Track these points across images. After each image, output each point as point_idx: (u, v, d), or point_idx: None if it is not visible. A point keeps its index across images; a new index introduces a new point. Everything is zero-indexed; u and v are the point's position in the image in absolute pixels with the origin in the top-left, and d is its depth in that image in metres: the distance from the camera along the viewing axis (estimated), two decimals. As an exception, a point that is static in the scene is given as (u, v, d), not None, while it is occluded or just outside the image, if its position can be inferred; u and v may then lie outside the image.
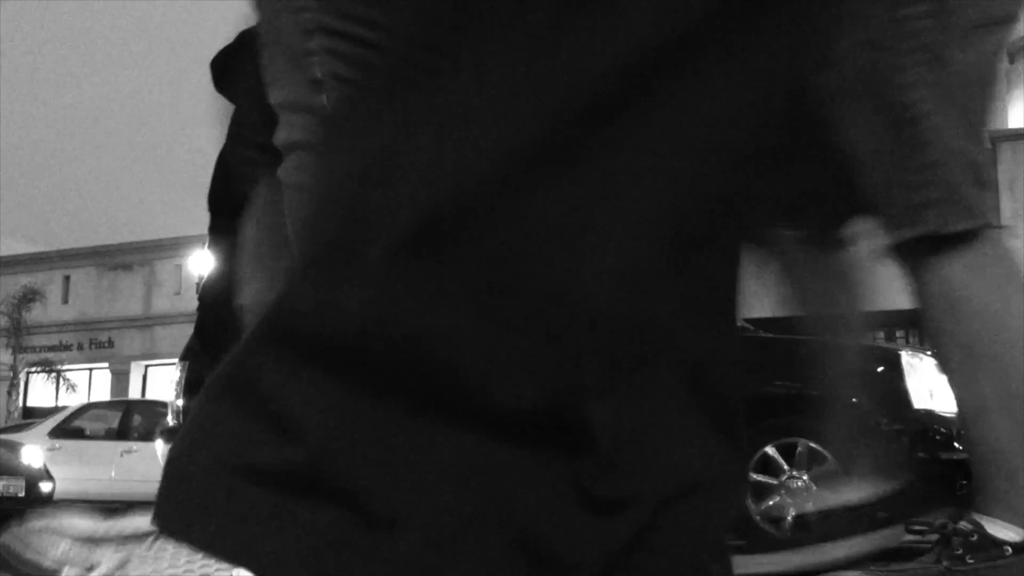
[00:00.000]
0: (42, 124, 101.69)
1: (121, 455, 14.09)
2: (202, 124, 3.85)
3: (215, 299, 3.56)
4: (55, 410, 22.37)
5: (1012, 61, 23.41)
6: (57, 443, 14.27)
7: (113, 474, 13.93)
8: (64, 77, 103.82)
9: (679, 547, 0.91)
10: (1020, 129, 21.34)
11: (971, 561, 1.51)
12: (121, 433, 14.57)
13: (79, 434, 14.88)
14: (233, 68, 3.68)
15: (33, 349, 29.16)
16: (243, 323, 3.51)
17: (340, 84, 1.61)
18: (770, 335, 7.56)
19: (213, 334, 3.57)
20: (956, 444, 6.06)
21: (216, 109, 3.71)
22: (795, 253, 2.77)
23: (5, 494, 10.70)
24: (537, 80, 0.80)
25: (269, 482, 0.80)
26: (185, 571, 0.85)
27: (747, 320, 8.76)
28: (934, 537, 1.58)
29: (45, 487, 11.34)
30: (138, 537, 0.86)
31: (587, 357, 0.83)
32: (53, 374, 28.85)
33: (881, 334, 21.41)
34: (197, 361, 7.99)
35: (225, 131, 3.59)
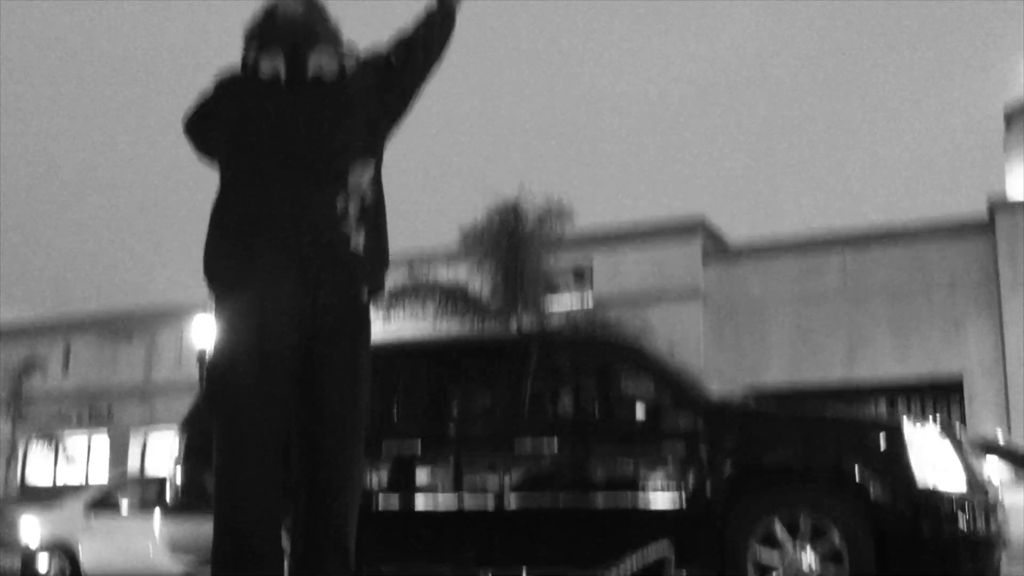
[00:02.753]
0: (43, 191, 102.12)
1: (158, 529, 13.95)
2: (204, 190, 3.91)
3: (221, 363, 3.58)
4: (54, 486, 22.16)
5: (1009, 126, 23.49)
6: (94, 516, 14.14)
7: (151, 548, 13.77)
8: (64, 142, 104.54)
9: None
10: (1019, 201, 21.45)
11: None
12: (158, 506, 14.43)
13: (115, 507, 14.75)
14: (210, 124, 3.74)
15: (33, 419, 29.04)
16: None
17: None
18: (773, 408, 7.57)
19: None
20: (960, 518, 6.02)
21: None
22: None
23: (-1, 569, 10.58)
24: None
25: None
26: None
27: (751, 390, 8.77)
28: None
29: (42, 565, 11.17)
30: None
31: None
32: (52, 444, 28.71)
33: (883, 403, 21.39)
34: (198, 428, 7.99)
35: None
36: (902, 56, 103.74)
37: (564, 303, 22.98)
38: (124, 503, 14.85)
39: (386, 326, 20.83)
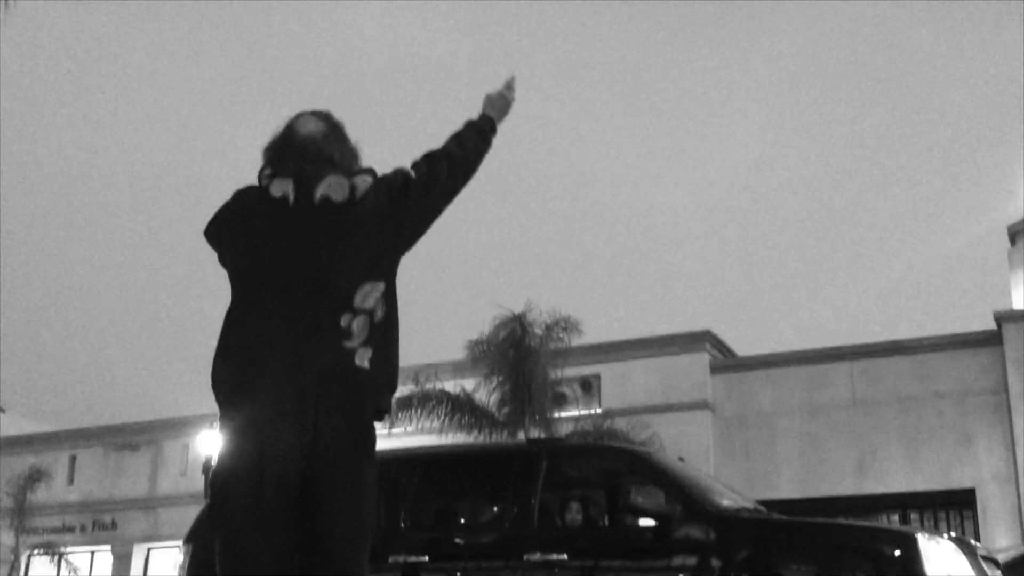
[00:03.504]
0: (47, 302, 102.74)
1: None
2: (211, 300, 3.94)
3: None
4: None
5: (1013, 243, 23.65)
6: None
7: None
8: (68, 252, 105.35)
9: None
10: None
11: None
12: None
13: None
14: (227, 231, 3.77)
15: (36, 531, 28.78)
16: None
17: None
18: (784, 517, 7.49)
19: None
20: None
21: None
22: None
23: None
24: None
25: None
26: None
27: (760, 502, 8.68)
28: None
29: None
30: None
31: None
32: (55, 557, 28.39)
33: (895, 516, 21.14)
34: (204, 539, 7.90)
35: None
36: (905, 172, 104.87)
37: (572, 413, 22.90)
38: None
39: (392, 436, 20.76)
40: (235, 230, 3.69)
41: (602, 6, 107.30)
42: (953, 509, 21.19)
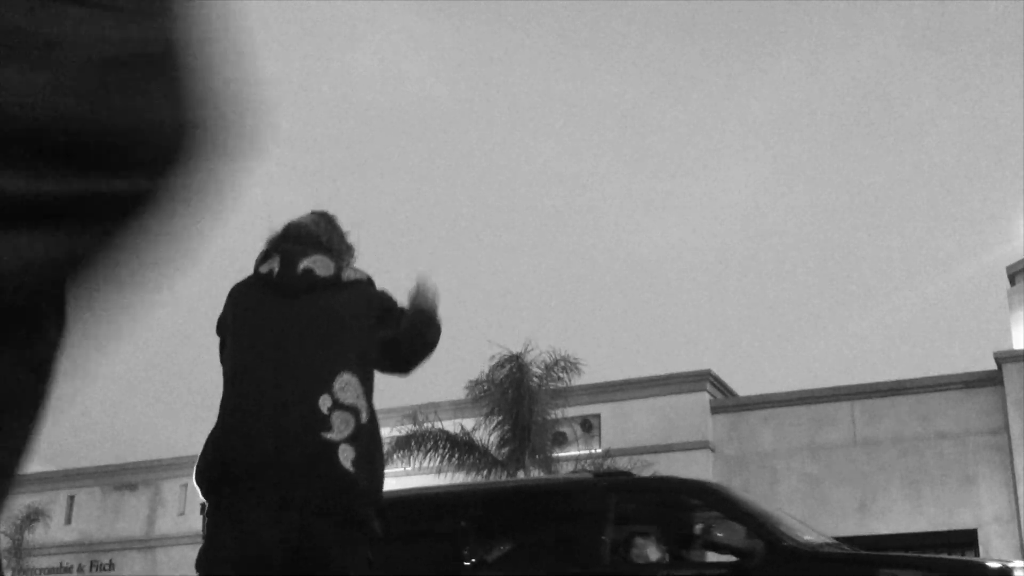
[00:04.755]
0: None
1: None
2: (208, 343, 3.99)
3: None
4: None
5: (1012, 283, 23.68)
6: None
7: None
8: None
9: None
10: (1025, 350, 21.51)
11: None
12: None
13: None
14: None
15: (33, 571, 28.62)
16: None
17: None
18: (867, 552, 7.35)
19: None
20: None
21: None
22: None
23: None
24: None
25: None
26: None
27: (837, 538, 8.51)
28: None
29: None
30: None
31: None
32: (50, 598, 28.25)
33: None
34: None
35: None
36: (904, 213, 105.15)
37: (572, 453, 22.83)
38: None
39: (388, 477, 20.67)
40: (229, 313, 3.82)
41: (601, 49, 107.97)
42: (955, 550, 21.06)
